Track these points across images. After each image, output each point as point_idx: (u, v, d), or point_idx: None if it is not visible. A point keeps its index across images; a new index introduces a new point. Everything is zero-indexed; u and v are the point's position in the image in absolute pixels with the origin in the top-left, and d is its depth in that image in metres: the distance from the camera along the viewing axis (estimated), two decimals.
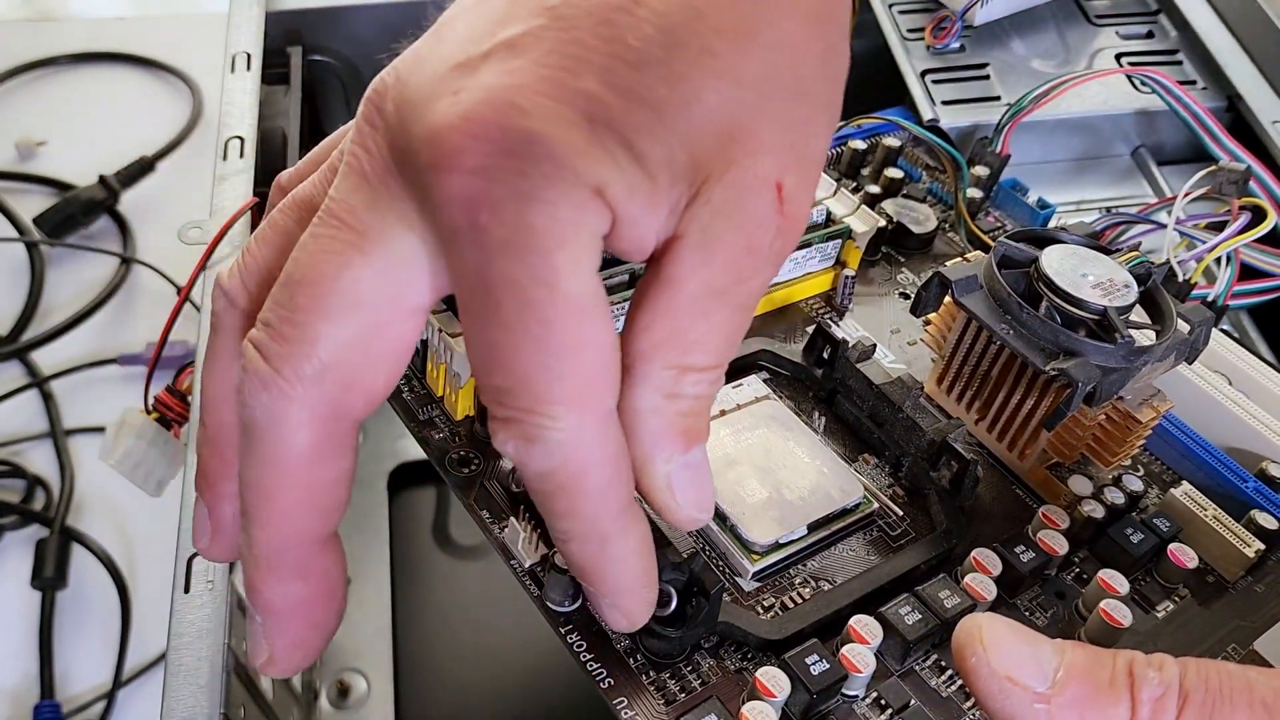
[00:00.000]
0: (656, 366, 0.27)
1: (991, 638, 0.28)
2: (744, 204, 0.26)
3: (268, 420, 0.27)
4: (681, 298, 0.27)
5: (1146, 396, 0.40)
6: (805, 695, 0.33)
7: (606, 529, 0.29)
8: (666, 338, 0.27)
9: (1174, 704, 0.26)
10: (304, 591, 0.30)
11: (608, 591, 0.30)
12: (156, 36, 1.01)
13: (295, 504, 0.29)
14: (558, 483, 0.27)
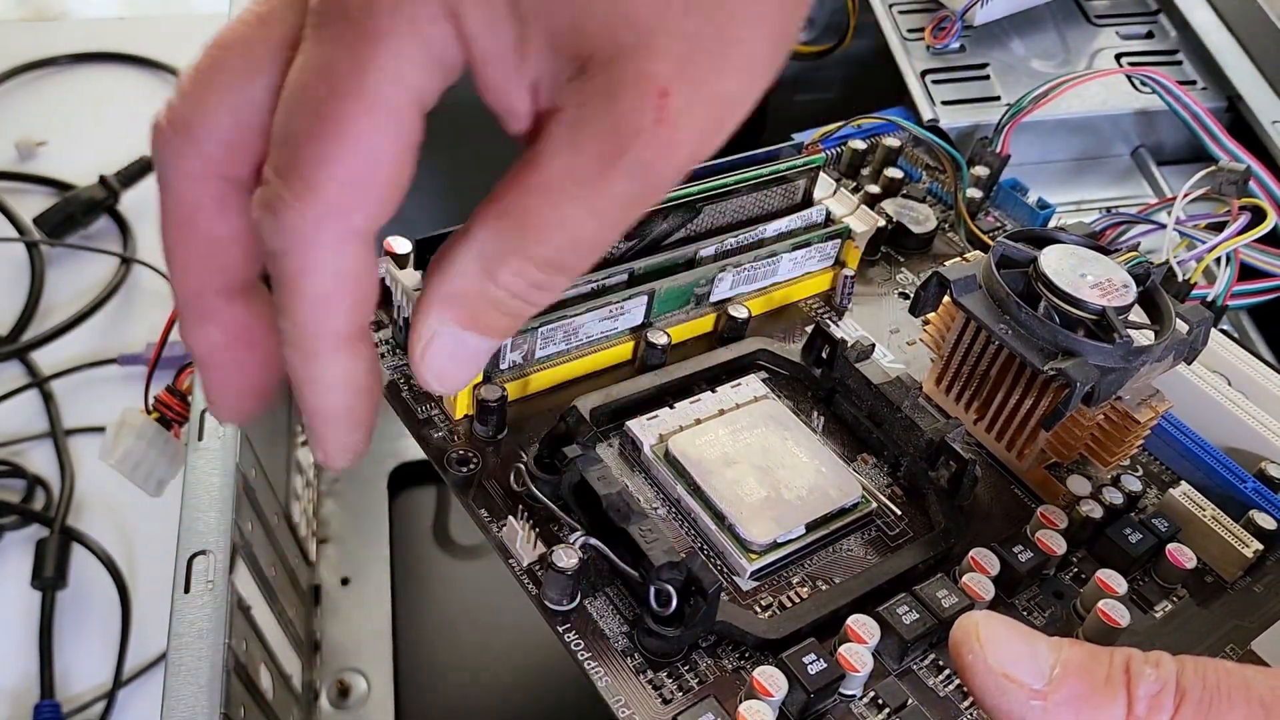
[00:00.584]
0: (490, 234, 0.26)
1: (988, 635, 0.28)
2: (622, 95, 0.25)
3: (167, 171, 0.28)
4: (538, 175, 0.26)
5: (1145, 397, 0.40)
6: (802, 694, 0.33)
7: (315, 345, 0.28)
8: (508, 210, 0.26)
9: (1170, 701, 0.26)
10: (219, 336, 0.30)
11: (304, 411, 0.30)
12: (156, 36, 1.01)
13: (191, 258, 0.29)
14: (281, 269, 0.27)
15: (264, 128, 0.27)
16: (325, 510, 0.68)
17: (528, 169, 0.26)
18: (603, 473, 0.37)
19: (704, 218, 0.44)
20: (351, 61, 0.25)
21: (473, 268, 0.27)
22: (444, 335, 0.28)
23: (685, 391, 0.42)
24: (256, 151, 0.28)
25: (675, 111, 0.25)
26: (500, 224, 0.26)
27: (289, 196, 0.25)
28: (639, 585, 0.35)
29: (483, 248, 0.26)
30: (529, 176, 0.26)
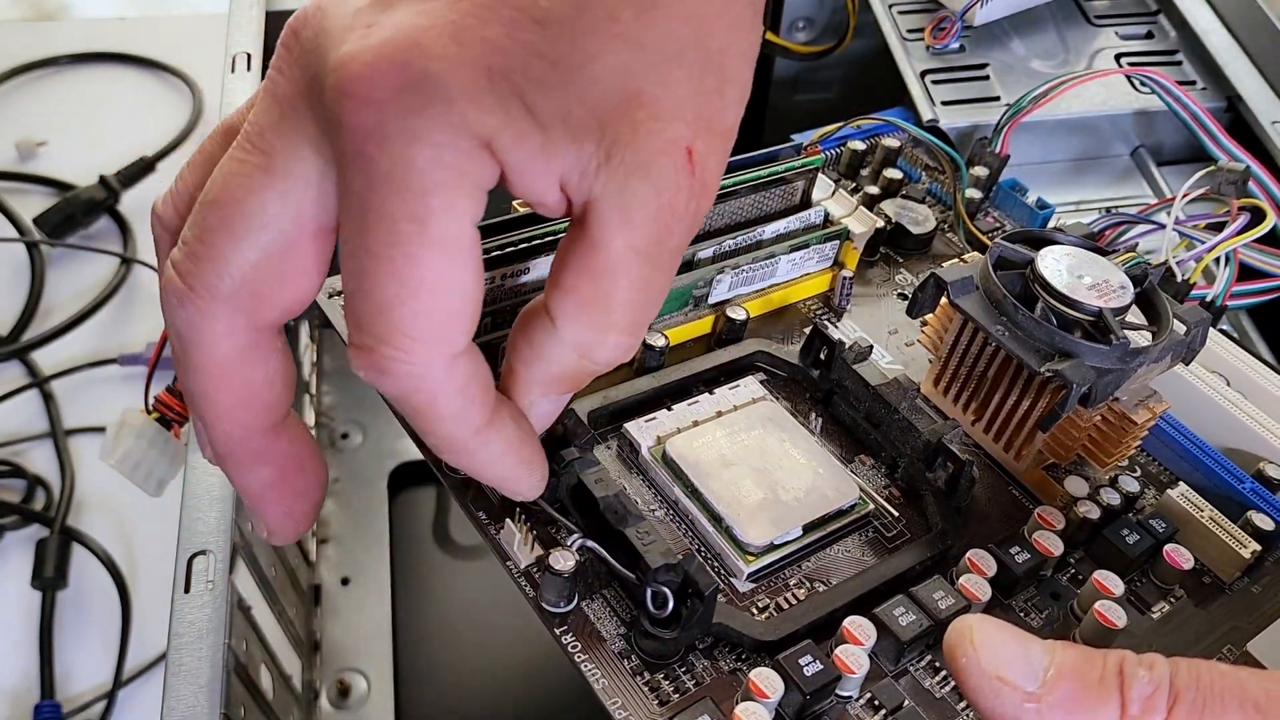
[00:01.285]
0: (581, 326, 0.29)
1: (982, 638, 0.28)
2: (656, 166, 0.27)
3: (190, 332, 0.30)
4: (605, 258, 0.28)
5: (1142, 398, 0.40)
6: (798, 696, 0.33)
7: (466, 444, 0.31)
8: (591, 299, 0.29)
9: (1164, 702, 0.26)
10: (270, 474, 0.33)
11: (487, 481, 0.34)
12: (156, 36, 1.01)
13: (233, 405, 0.31)
14: (412, 406, 0.29)
15: (286, 273, 0.29)
16: (325, 510, 0.68)
17: (591, 254, 0.28)
18: (600, 475, 0.37)
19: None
20: (411, 222, 0.26)
21: (571, 355, 0.30)
22: (543, 404, 0.33)
23: (683, 393, 0.42)
24: (282, 296, 0.30)
25: (702, 160, 0.28)
26: (586, 314, 0.29)
27: (401, 355, 0.27)
28: (636, 587, 0.35)
29: (576, 338, 0.29)
30: (595, 261, 0.28)
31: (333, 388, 0.74)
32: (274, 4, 0.67)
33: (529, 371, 0.31)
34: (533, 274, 0.42)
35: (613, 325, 0.29)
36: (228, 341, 0.30)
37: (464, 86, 0.25)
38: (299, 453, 0.34)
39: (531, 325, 0.30)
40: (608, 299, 0.29)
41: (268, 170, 0.28)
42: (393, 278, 0.27)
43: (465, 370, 0.29)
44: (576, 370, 0.31)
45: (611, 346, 0.30)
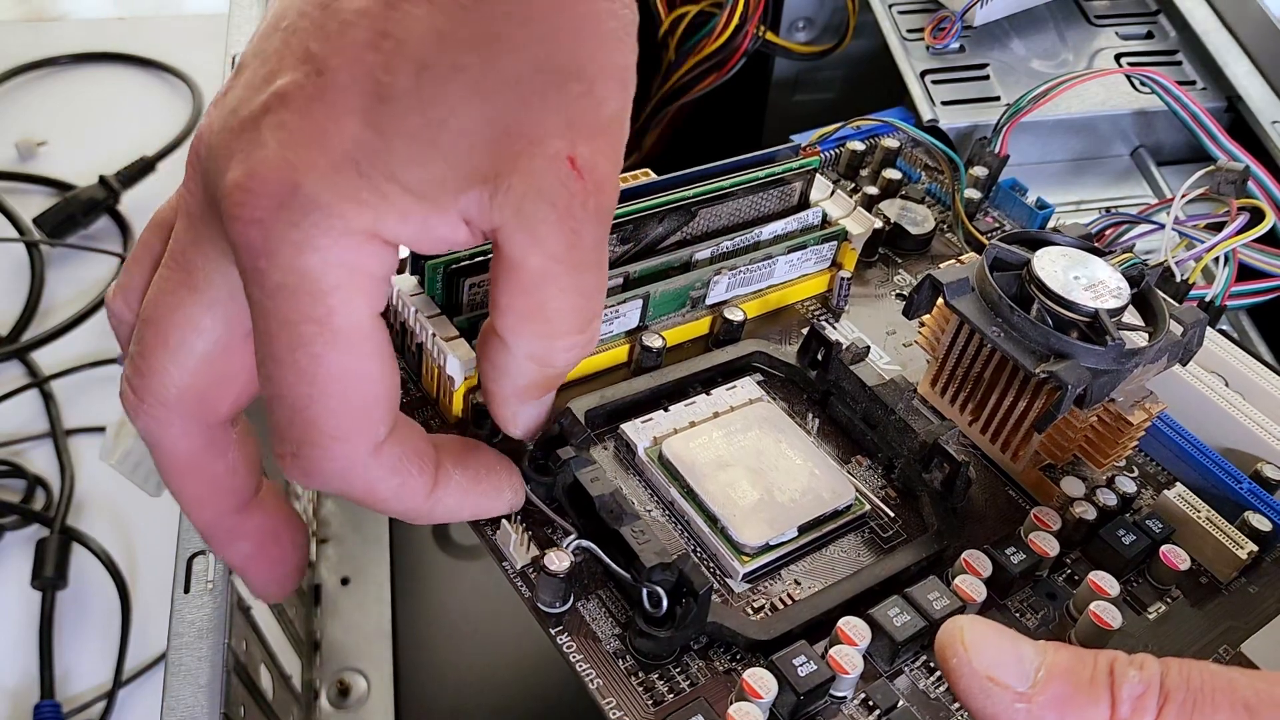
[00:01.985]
0: (528, 339, 0.30)
1: (973, 638, 0.28)
2: (544, 185, 0.28)
3: (150, 436, 0.32)
4: (528, 274, 0.29)
5: (1138, 398, 0.40)
6: (792, 696, 0.33)
7: (420, 511, 0.32)
8: (530, 311, 0.30)
9: (1154, 702, 0.27)
10: (248, 547, 0.36)
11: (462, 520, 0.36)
12: (156, 36, 1.01)
13: (200, 495, 0.34)
14: (354, 497, 0.30)
15: (227, 374, 0.31)
16: (325, 510, 0.68)
17: (515, 273, 0.29)
18: (596, 474, 0.37)
19: (699, 221, 0.44)
20: (311, 324, 0.27)
21: (529, 366, 0.31)
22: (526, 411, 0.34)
23: (681, 394, 0.42)
24: (227, 393, 0.32)
25: (588, 162, 0.29)
26: (529, 326, 0.30)
27: (324, 455, 0.29)
28: (631, 587, 0.35)
29: (528, 350, 0.31)
30: (521, 279, 0.29)
31: None
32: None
33: (499, 388, 0.33)
34: None
35: (558, 331, 0.30)
36: (185, 442, 0.32)
37: (337, 189, 0.26)
38: (273, 526, 0.36)
39: (489, 346, 0.31)
40: (544, 308, 0.30)
41: (192, 287, 0.30)
42: (300, 380, 0.28)
43: (393, 452, 0.30)
44: (541, 378, 0.32)
45: (565, 349, 0.31)
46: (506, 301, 0.30)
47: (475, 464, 0.34)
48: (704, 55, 0.73)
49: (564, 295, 0.30)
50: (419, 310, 0.40)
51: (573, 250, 0.29)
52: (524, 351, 0.31)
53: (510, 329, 0.30)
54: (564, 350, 0.31)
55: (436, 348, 0.39)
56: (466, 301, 0.41)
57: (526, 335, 0.30)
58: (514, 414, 0.34)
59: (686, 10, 0.73)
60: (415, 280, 0.41)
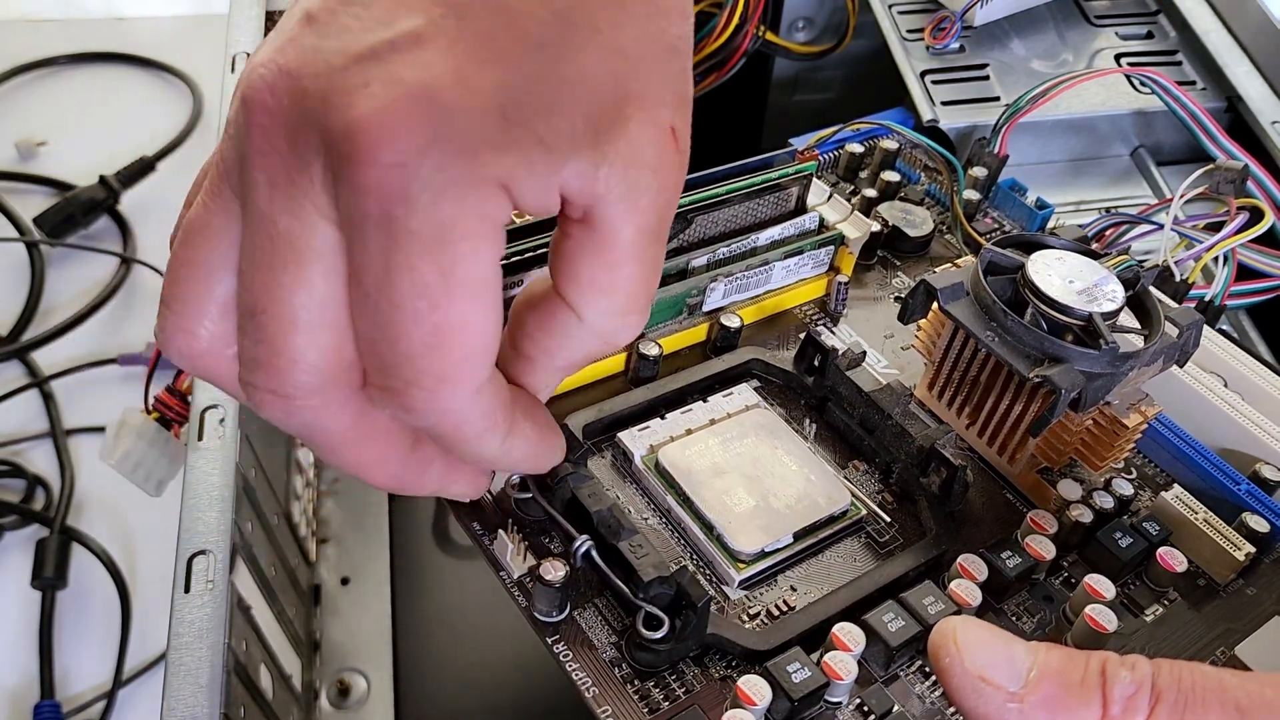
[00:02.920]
0: (605, 313, 0.30)
1: (965, 639, 0.28)
2: (649, 154, 0.28)
3: (311, 431, 0.30)
4: (619, 247, 0.29)
5: (1134, 401, 0.40)
6: (787, 703, 0.33)
7: (494, 457, 0.32)
8: (612, 285, 0.30)
9: (1145, 703, 0.27)
10: (440, 467, 0.33)
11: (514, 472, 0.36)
12: (156, 36, 1.01)
13: (379, 454, 0.32)
14: (439, 433, 0.30)
15: (349, 332, 0.29)
16: (325, 510, 0.68)
17: (605, 247, 0.29)
18: (594, 489, 0.37)
19: (696, 228, 0.44)
20: (439, 274, 0.26)
21: (595, 342, 0.31)
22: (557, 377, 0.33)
23: (678, 402, 0.42)
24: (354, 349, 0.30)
25: (682, 134, 0.29)
26: (608, 301, 0.30)
27: (429, 395, 0.28)
28: (629, 599, 0.35)
29: (601, 325, 0.30)
30: (611, 253, 0.29)
31: None
32: (274, 4, 0.67)
33: (552, 360, 0.32)
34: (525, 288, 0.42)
35: (632, 307, 0.30)
36: (344, 416, 0.30)
37: (484, 134, 0.26)
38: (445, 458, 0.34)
39: (554, 316, 0.31)
40: (627, 283, 0.30)
41: (299, 263, 0.28)
42: (418, 326, 0.27)
43: (488, 396, 0.29)
44: (597, 354, 0.32)
45: (633, 326, 0.31)
46: (590, 274, 0.29)
47: (540, 419, 0.33)
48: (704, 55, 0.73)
49: (645, 269, 0.30)
50: None
51: (662, 224, 0.30)
52: (598, 327, 0.30)
53: (588, 303, 0.30)
54: (631, 327, 0.31)
55: None
56: None
57: (603, 310, 0.30)
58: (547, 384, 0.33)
59: None
60: None
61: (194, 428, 0.47)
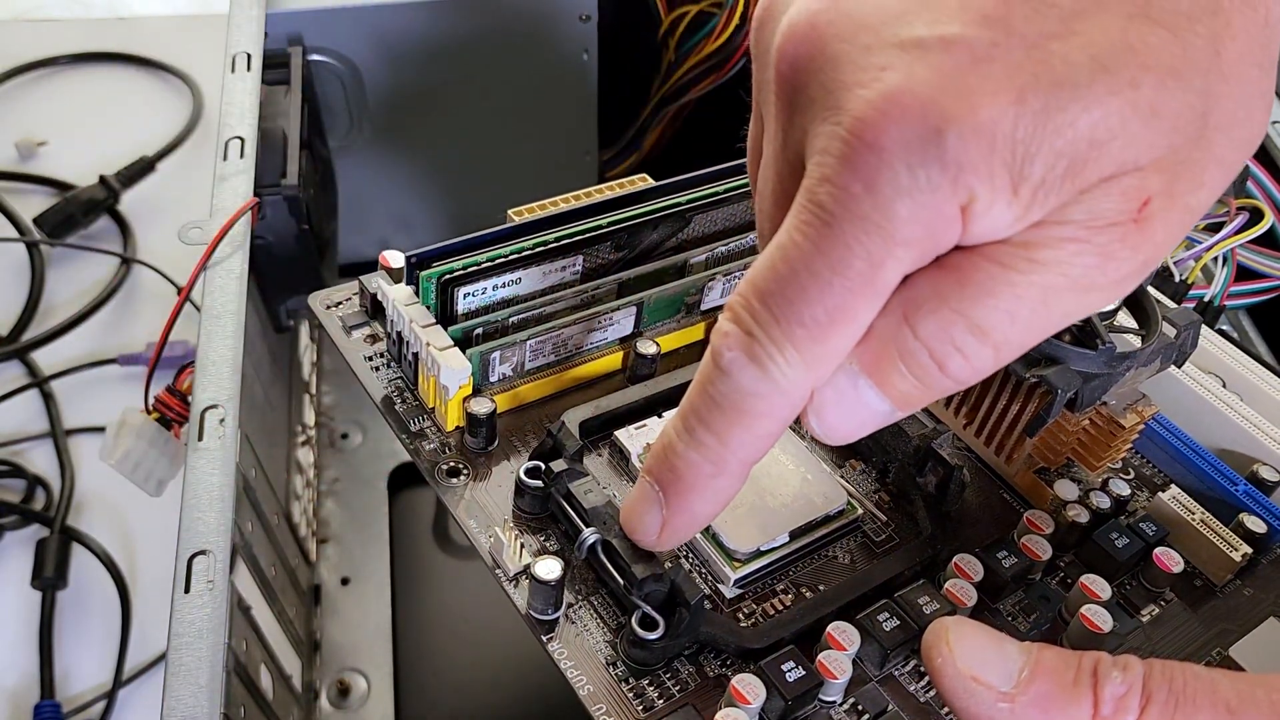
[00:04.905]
0: (921, 281, 0.27)
1: (958, 638, 0.28)
2: (1110, 197, 0.26)
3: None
4: (1000, 283, 0.27)
5: (1131, 401, 0.40)
6: (781, 701, 0.33)
7: (728, 466, 0.30)
8: (954, 265, 0.27)
9: (1136, 703, 0.27)
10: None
11: (671, 505, 0.31)
12: (156, 36, 1.01)
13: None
14: (732, 403, 0.28)
15: None
16: (325, 510, 0.68)
17: (996, 276, 0.26)
18: (589, 486, 0.37)
19: (694, 226, 0.44)
20: (867, 261, 0.26)
21: (893, 311, 0.27)
22: (841, 377, 0.29)
23: (676, 401, 0.42)
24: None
25: (1151, 213, 0.26)
26: (940, 273, 0.27)
27: (782, 361, 0.27)
28: (625, 596, 0.35)
29: (910, 292, 0.27)
30: (985, 246, 0.27)
31: (332, 388, 0.74)
32: (274, 4, 0.67)
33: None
34: (524, 285, 0.42)
35: (958, 304, 0.27)
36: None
37: (967, 153, 0.25)
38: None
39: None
40: (973, 272, 0.27)
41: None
42: (817, 296, 0.26)
43: (794, 413, 0.29)
44: (890, 336, 0.28)
45: (941, 323, 0.28)
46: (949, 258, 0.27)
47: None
48: (704, 55, 0.73)
49: (1002, 284, 0.27)
50: (414, 320, 0.40)
51: (1058, 265, 0.27)
52: (903, 289, 0.28)
53: (935, 315, 0.27)
54: (937, 325, 0.28)
55: (431, 358, 0.39)
56: (461, 311, 0.41)
57: (926, 276, 0.27)
58: (820, 396, 0.29)
59: (686, 10, 0.73)
60: (410, 290, 0.41)
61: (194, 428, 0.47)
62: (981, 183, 0.25)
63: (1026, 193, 0.25)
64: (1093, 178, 0.25)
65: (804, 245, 0.27)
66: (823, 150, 0.26)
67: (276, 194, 0.57)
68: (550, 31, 0.72)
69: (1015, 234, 0.26)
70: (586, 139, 0.78)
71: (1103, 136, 0.25)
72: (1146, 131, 0.25)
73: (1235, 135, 0.27)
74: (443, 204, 0.79)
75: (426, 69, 0.71)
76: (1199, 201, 0.27)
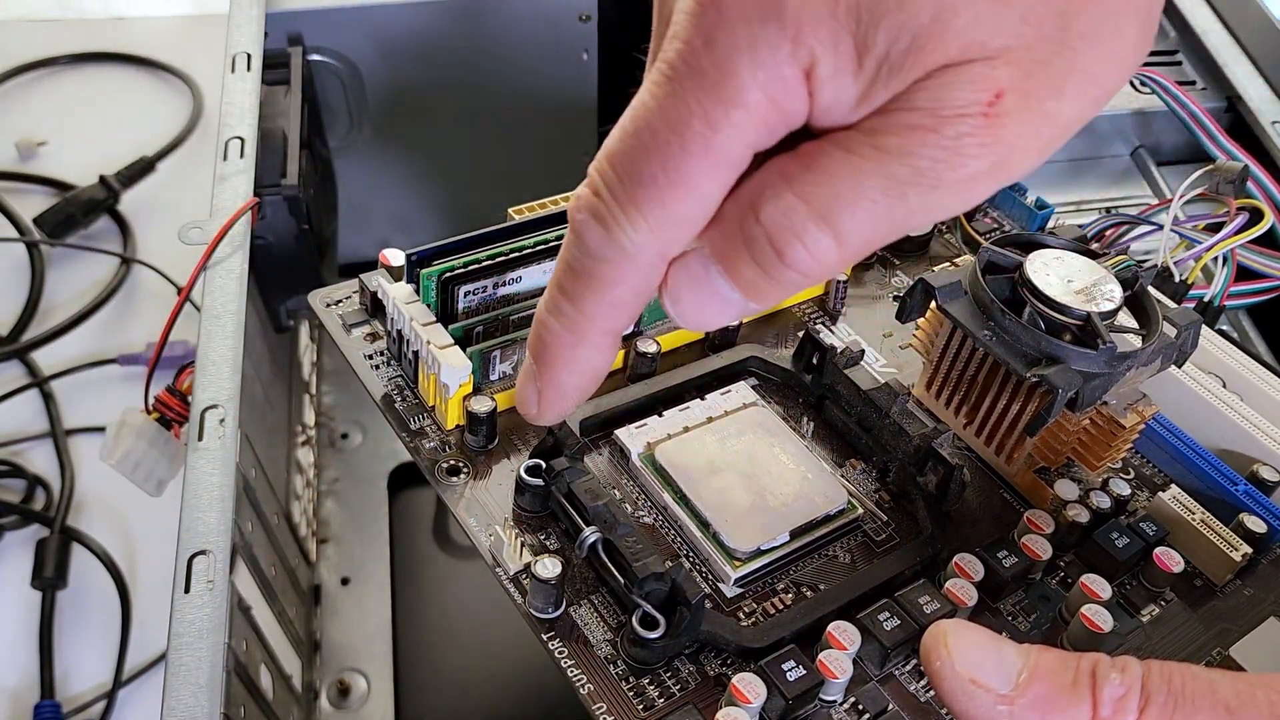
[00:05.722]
0: (763, 171, 0.27)
1: (956, 641, 0.28)
2: (955, 85, 0.25)
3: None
4: (839, 135, 0.26)
5: (1132, 401, 0.40)
6: (781, 701, 0.33)
7: (589, 335, 0.29)
8: (798, 152, 0.26)
9: (1135, 704, 0.27)
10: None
11: (544, 378, 0.31)
12: (156, 36, 1.01)
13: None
14: (591, 271, 0.28)
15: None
16: (325, 510, 0.68)
17: (835, 158, 0.26)
18: (590, 485, 0.37)
19: None
20: (704, 121, 0.25)
21: (742, 196, 0.27)
22: (694, 259, 0.28)
23: (676, 399, 0.43)
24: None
25: (1004, 109, 0.25)
26: (787, 159, 0.26)
27: (625, 222, 0.27)
28: (626, 595, 0.35)
29: (760, 176, 0.26)
30: (832, 133, 0.26)
31: (332, 388, 0.74)
32: (274, 4, 0.67)
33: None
34: (524, 284, 0.42)
35: (797, 185, 0.27)
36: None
37: (811, 14, 0.24)
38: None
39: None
40: (811, 158, 0.27)
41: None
42: (659, 158, 0.26)
43: (651, 279, 0.28)
44: (732, 221, 0.28)
45: (781, 208, 0.27)
46: (801, 176, 0.26)
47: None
48: None
49: (843, 169, 0.26)
50: (414, 318, 0.40)
51: (900, 152, 0.26)
52: (769, 222, 0.27)
53: (778, 196, 0.27)
54: (777, 209, 0.27)
55: (431, 356, 0.39)
56: (461, 309, 0.41)
57: (767, 167, 0.27)
58: (675, 286, 0.29)
59: None
60: (410, 288, 0.41)
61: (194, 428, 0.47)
62: (823, 46, 0.24)
63: (871, 65, 0.25)
64: (939, 58, 0.24)
65: (649, 104, 0.26)
66: (679, 10, 0.26)
67: (276, 194, 0.57)
68: (550, 31, 0.72)
69: (863, 119, 0.25)
70: (586, 139, 0.78)
71: (947, 14, 0.24)
72: (994, 16, 0.24)
73: (1104, 48, 0.26)
74: (443, 204, 0.79)
75: (426, 69, 0.71)
76: (1059, 110, 0.26)
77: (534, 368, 0.31)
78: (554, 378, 0.31)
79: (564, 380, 0.31)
